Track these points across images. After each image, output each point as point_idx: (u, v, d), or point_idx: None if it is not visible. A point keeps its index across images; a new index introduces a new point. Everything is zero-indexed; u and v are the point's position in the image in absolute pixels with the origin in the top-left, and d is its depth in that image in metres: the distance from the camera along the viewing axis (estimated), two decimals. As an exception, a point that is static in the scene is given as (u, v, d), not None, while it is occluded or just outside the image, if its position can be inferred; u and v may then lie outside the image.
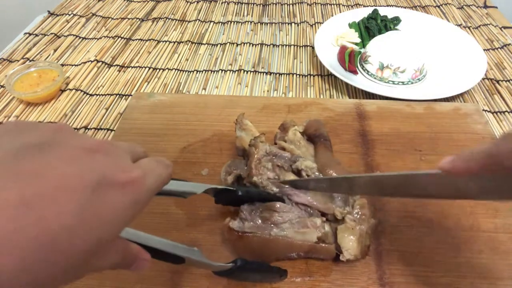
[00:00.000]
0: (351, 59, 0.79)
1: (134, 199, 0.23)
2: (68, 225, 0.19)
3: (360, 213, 0.43)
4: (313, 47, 0.85)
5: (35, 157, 0.20)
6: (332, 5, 1.04)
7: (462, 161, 0.30)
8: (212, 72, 0.81)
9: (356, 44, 0.84)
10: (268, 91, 0.76)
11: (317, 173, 0.46)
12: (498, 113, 0.70)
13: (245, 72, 0.81)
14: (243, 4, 1.05)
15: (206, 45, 0.89)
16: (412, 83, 0.74)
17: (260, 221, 0.42)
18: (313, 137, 0.51)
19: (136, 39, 0.90)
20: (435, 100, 0.67)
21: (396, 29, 0.88)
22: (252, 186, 0.45)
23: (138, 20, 0.98)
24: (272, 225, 0.42)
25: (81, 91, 0.75)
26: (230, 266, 0.37)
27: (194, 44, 0.89)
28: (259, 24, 0.97)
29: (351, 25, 0.89)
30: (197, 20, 0.98)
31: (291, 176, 0.46)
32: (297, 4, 1.05)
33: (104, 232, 0.21)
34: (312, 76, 0.79)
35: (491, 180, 0.30)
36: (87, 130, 0.67)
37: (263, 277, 0.41)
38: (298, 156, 0.47)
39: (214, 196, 0.43)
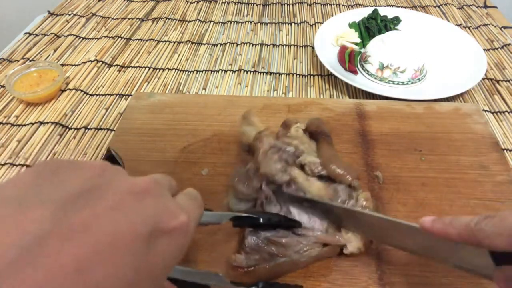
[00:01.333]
0: (351, 59, 0.79)
1: (181, 244, 0.22)
2: (124, 285, 0.18)
3: (363, 205, 0.44)
4: (313, 47, 0.85)
5: (84, 208, 0.19)
6: (332, 5, 1.04)
7: (442, 223, 0.32)
8: (212, 72, 0.81)
9: (356, 44, 0.84)
10: (268, 91, 0.76)
11: (320, 168, 0.46)
12: (498, 113, 0.70)
13: (245, 72, 0.81)
14: (243, 4, 1.05)
15: (206, 45, 0.89)
16: (412, 83, 0.74)
17: (266, 255, 0.42)
18: (315, 134, 0.51)
19: (136, 39, 0.90)
20: (435, 100, 0.67)
21: (396, 29, 0.88)
22: (270, 183, 0.45)
23: (138, 20, 0.98)
24: (277, 257, 0.42)
25: (81, 91, 0.75)
26: None
27: (194, 44, 0.89)
28: (259, 24, 0.97)
29: (351, 25, 0.89)
30: (197, 20, 0.98)
31: (296, 171, 0.46)
32: (297, 4, 1.05)
33: (155, 282, 0.21)
34: (312, 76, 0.79)
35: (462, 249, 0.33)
36: (87, 130, 0.67)
37: None
38: (302, 151, 0.47)
39: (233, 220, 0.40)
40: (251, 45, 0.89)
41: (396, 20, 0.90)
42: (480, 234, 0.30)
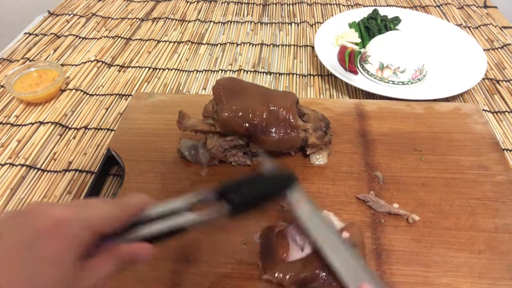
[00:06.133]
0: (351, 59, 0.79)
1: (67, 235, 0.27)
2: (21, 284, 0.25)
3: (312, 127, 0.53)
4: (313, 47, 0.85)
5: None
6: (332, 5, 1.04)
7: None
8: (212, 72, 0.81)
9: (356, 44, 0.84)
10: (268, 91, 0.76)
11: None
12: (498, 113, 0.70)
13: (245, 72, 0.81)
14: (243, 4, 1.05)
15: (206, 45, 0.89)
16: (412, 83, 0.74)
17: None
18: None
19: (136, 39, 0.90)
20: (435, 100, 0.67)
21: (396, 29, 0.88)
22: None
23: (138, 20, 0.98)
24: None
25: (81, 91, 0.75)
26: (225, 205, 0.34)
27: (194, 44, 0.89)
28: (259, 24, 0.97)
29: (351, 25, 0.89)
30: (197, 20, 0.98)
31: None
32: (297, 4, 1.05)
33: (56, 271, 0.26)
34: (312, 76, 0.79)
35: None
36: (87, 130, 0.67)
37: (269, 189, 0.38)
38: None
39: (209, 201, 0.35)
40: (251, 45, 0.89)
41: (396, 20, 0.90)
42: None
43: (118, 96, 0.75)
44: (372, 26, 0.86)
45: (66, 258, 0.26)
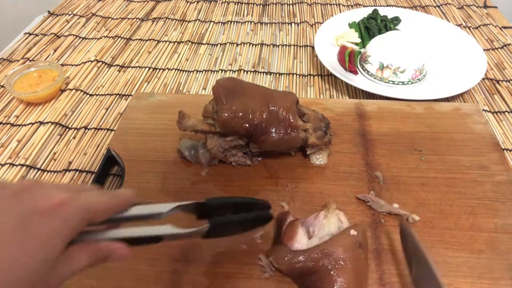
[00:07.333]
0: (351, 59, 0.79)
1: (63, 218, 0.27)
2: (8, 263, 0.24)
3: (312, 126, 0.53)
4: (313, 47, 0.85)
5: None
6: (332, 5, 1.04)
7: None
8: (212, 72, 0.81)
9: (356, 44, 0.84)
10: (268, 91, 0.76)
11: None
12: (498, 113, 0.70)
13: (245, 72, 0.81)
14: (243, 4, 1.05)
15: (206, 45, 0.89)
16: (412, 83, 0.74)
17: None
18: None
19: (136, 39, 0.90)
20: (435, 100, 0.67)
21: (396, 29, 0.88)
22: None
23: (138, 20, 0.98)
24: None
25: (81, 91, 0.75)
26: (206, 226, 0.35)
27: (194, 44, 0.89)
28: (259, 24, 0.97)
29: (351, 25, 0.89)
30: (197, 20, 0.98)
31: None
32: (297, 4, 1.05)
33: (45, 252, 0.26)
34: (312, 76, 0.79)
35: None
36: (87, 130, 0.67)
37: (246, 221, 0.39)
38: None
39: (190, 212, 0.37)
40: (251, 45, 0.89)
41: (396, 20, 0.90)
42: None
43: (118, 96, 0.75)
44: (372, 26, 0.86)
45: (57, 240, 0.26)
